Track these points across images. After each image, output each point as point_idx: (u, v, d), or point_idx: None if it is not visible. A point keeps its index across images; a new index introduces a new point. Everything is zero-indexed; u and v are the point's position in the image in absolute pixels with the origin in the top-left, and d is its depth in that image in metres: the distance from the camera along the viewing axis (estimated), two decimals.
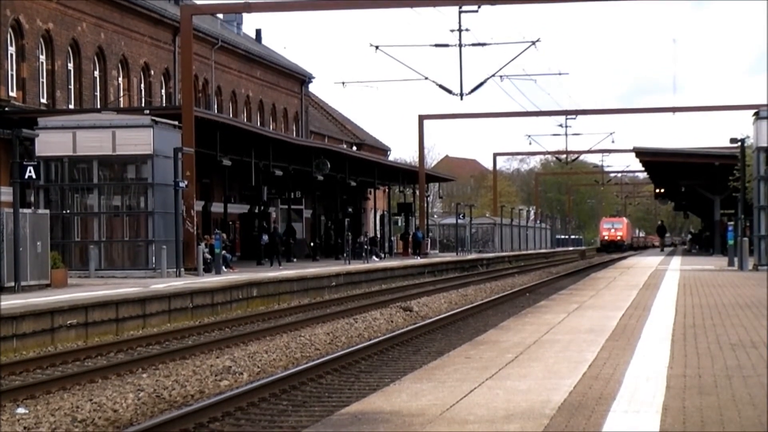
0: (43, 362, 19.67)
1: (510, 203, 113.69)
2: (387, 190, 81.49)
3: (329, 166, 55.46)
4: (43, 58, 44.91)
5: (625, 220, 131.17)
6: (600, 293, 26.74)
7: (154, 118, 36.75)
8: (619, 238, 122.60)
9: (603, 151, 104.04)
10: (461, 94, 51.32)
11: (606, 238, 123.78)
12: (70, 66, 46.95)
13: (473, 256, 75.27)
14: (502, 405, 9.79)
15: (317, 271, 41.19)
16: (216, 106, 60.88)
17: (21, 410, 14.88)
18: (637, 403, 9.73)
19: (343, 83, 67.18)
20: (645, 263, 53.27)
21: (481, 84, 52.70)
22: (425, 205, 76.98)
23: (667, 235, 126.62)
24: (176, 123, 37.95)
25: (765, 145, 38.25)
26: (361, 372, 18.51)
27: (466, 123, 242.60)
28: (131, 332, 25.12)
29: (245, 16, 71.28)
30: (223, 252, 41.09)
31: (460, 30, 49.88)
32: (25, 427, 13.81)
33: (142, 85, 53.60)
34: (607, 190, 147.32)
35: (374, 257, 60.06)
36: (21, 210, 28.37)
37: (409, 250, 70.60)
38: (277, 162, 51.99)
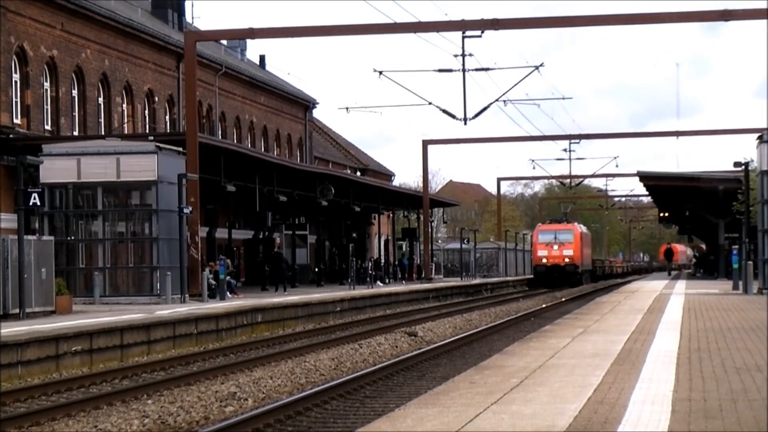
0: (48, 389, 19.65)
1: (514, 228, 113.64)
2: (391, 215, 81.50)
3: (333, 191, 55.49)
4: (47, 85, 45.01)
5: (577, 228, 77.04)
6: (605, 317, 26.71)
7: (158, 144, 36.82)
8: (567, 261, 73.16)
9: (607, 176, 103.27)
10: (465, 119, 51.24)
11: (544, 261, 73.86)
12: (75, 93, 47.07)
13: (478, 280, 75.24)
14: (507, 430, 9.77)
15: (322, 296, 41.17)
16: (220, 132, 60.97)
17: None
18: (642, 427, 9.72)
19: (347, 109, 66.38)
20: (649, 287, 53.20)
21: (485, 109, 52.71)
22: (429, 230, 76.91)
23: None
24: (180, 149, 38.02)
25: None
26: (366, 397, 18.47)
27: (470, 148, 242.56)
28: (136, 358, 25.10)
29: (249, 42, 71.63)
30: (228, 278, 41.12)
31: (463, 55, 49.82)
32: None
33: (146, 112, 53.70)
34: (612, 214, 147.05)
35: (378, 282, 60.06)
36: (26, 237, 28.39)
37: (414, 275, 70.57)
38: (281, 188, 52.03)
